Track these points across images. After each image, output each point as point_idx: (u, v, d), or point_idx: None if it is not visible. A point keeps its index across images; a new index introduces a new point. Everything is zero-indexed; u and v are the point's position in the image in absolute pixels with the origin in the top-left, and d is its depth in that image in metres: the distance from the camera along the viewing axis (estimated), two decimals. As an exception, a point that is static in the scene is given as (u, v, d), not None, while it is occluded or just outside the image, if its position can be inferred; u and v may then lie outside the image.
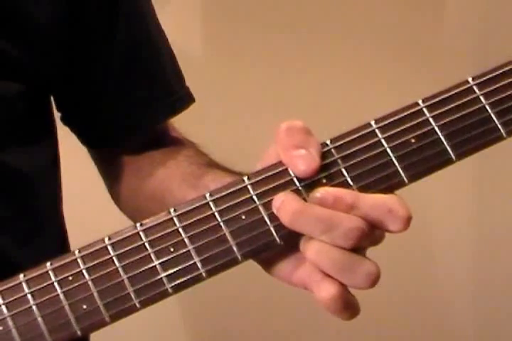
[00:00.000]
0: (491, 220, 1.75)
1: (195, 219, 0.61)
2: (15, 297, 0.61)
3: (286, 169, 0.61)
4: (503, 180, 1.69)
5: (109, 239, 0.61)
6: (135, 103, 0.87)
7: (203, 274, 0.60)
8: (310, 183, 0.60)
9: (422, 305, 1.76)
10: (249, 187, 0.61)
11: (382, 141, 0.61)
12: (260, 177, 0.61)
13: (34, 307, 0.60)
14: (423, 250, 1.76)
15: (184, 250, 0.60)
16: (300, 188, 0.60)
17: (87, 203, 0.91)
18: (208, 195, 0.61)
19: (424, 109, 0.61)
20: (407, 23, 1.66)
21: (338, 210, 0.58)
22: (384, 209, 0.58)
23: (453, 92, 0.61)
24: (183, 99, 0.90)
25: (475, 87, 0.61)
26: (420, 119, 0.61)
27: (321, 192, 0.59)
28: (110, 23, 0.83)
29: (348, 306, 0.59)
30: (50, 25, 0.79)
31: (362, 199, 0.59)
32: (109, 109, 0.86)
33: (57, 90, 0.85)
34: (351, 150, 0.61)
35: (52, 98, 0.86)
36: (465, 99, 0.61)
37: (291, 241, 0.61)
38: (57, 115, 0.88)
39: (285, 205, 0.59)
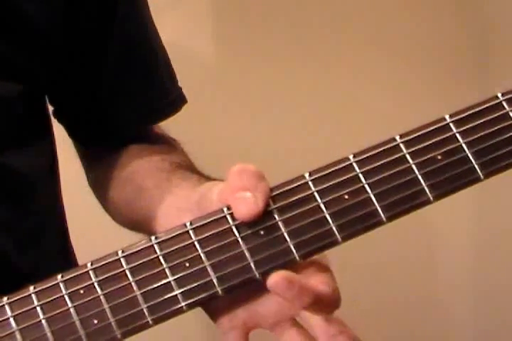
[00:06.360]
0: (491, 220, 1.74)
1: (211, 233, 0.59)
2: (24, 309, 0.59)
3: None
4: (504, 180, 1.68)
5: (123, 251, 0.60)
6: (129, 103, 0.87)
7: (219, 292, 0.58)
8: (332, 198, 0.59)
9: (422, 306, 1.76)
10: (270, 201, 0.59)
11: (407, 156, 0.59)
12: (281, 190, 0.59)
13: (43, 321, 0.59)
14: (423, 251, 1.75)
15: (200, 266, 0.59)
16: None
17: (89, 207, 0.90)
18: (225, 209, 0.59)
19: (451, 125, 0.59)
20: (417, 26, 1.65)
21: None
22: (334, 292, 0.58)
23: (481, 108, 0.59)
24: (176, 101, 0.90)
25: (504, 103, 0.59)
26: (447, 135, 0.59)
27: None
28: (107, 24, 0.83)
29: None
30: (46, 24, 0.78)
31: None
32: (102, 108, 0.86)
33: (53, 87, 0.84)
34: (374, 166, 0.59)
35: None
36: (494, 115, 0.59)
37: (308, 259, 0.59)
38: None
39: None
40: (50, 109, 0.88)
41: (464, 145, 0.59)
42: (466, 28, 1.67)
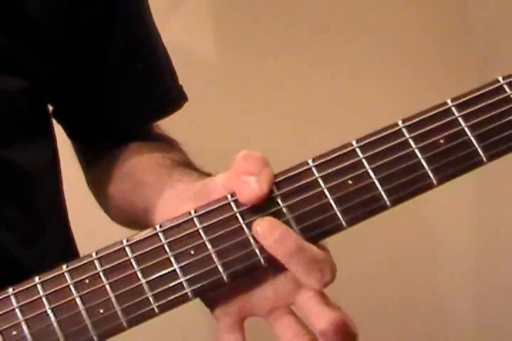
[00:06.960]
0: (491, 220, 1.74)
1: (216, 220, 0.59)
2: (29, 300, 0.59)
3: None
4: (504, 180, 1.69)
5: (128, 240, 0.60)
6: (130, 101, 0.87)
7: (225, 279, 0.58)
8: (336, 184, 0.59)
9: (422, 306, 1.76)
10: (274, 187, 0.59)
11: (410, 141, 0.59)
12: (285, 176, 0.60)
13: (49, 311, 0.58)
14: (423, 251, 1.75)
15: (205, 253, 0.59)
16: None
17: (90, 203, 0.91)
18: (229, 196, 0.60)
19: (453, 109, 0.59)
20: (417, 26, 1.65)
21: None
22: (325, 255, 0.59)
23: (483, 92, 0.59)
24: (177, 98, 0.90)
25: (505, 86, 0.59)
26: (449, 119, 0.59)
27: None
28: (109, 22, 0.83)
29: None
30: (50, 22, 0.78)
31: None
32: (103, 106, 0.86)
33: (54, 84, 0.84)
34: (377, 150, 0.59)
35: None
36: (495, 99, 0.59)
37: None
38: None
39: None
40: (50, 108, 0.88)
41: (466, 129, 0.59)
42: (466, 28, 1.67)
